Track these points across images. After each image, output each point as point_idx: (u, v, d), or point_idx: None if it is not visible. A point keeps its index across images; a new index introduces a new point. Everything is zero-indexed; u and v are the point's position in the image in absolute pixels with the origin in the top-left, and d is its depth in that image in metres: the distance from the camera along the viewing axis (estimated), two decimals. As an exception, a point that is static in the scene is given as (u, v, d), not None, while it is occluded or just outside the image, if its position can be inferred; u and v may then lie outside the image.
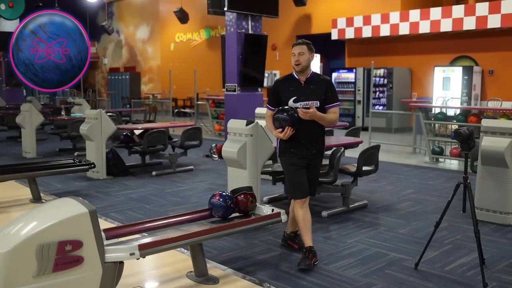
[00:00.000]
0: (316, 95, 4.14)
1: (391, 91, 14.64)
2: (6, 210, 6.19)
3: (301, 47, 4.16)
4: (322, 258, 4.41)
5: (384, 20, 14.41)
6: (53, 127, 12.53)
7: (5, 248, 2.75)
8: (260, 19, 10.68)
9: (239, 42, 10.23)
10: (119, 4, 26.48)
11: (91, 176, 8.08)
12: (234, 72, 10.34)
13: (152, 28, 24.65)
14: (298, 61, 4.12)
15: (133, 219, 5.59)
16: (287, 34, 17.67)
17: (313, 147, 4.19)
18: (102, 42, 28.02)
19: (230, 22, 10.36)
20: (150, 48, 24.92)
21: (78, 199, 3.14)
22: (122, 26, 26.47)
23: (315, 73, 4.25)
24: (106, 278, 3.05)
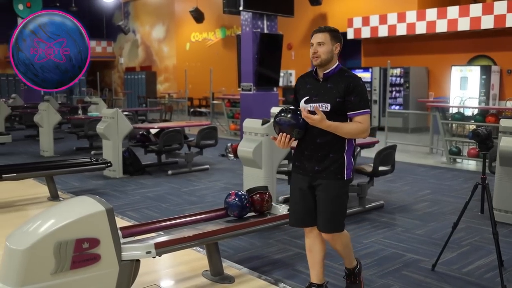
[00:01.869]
0: (330, 96, 3.14)
1: (408, 90, 14.53)
2: (24, 208, 6.26)
3: (322, 35, 3.18)
4: (338, 258, 4.38)
5: (401, 19, 14.31)
6: (70, 126, 12.65)
7: (24, 246, 2.78)
8: (275, 18, 10.66)
9: (255, 42, 10.23)
10: (135, 4, 26.64)
11: (107, 175, 8.14)
12: (249, 71, 10.34)
13: (167, 27, 24.76)
14: (316, 53, 3.17)
15: (149, 218, 5.61)
16: (303, 34, 17.63)
17: (318, 163, 3.16)
18: (118, 42, 28.21)
19: (245, 21, 10.36)
20: (166, 48, 25.03)
21: (95, 197, 3.16)
22: (138, 25, 26.62)
23: (341, 69, 3.25)
24: (123, 276, 3.07)
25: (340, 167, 3.16)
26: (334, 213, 3.18)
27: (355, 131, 3.13)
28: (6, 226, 5.19)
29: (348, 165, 3.18)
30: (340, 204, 3.21)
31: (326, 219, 3.19)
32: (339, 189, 3.17)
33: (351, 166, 3.21)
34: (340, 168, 3.16)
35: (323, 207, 3.18)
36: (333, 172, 3.15)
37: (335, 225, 3.21)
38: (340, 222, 3.23)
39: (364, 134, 3.16)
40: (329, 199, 3.16)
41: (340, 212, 3.21)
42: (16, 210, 6.11)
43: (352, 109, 3.12)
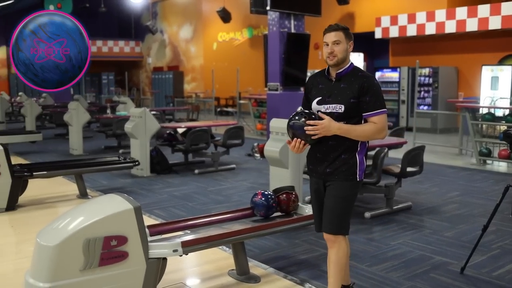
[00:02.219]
0: (343, 97, 3.01)
1: (437, 90, 14.33)
2: (54, 205, 6.37)
3: (337, 34, 3.04)
4: (364, 260, 4.35)
5: (430, 18, 14.11)
6: (99, 125, 12.85)
7: (54, 242, 2.83)
8: (302, 18, 10.62)
9: (282, 41, 10.21)
10: (163, 4, 26.86)
11: (135, 174, 8.22)
12: (276, 71, 10.33)
13: (195, 27, 24.91)
14: (333, 53, 3.02)
15: (176, 216, 5.66)
16: (330, 33, 17.52)
17: (329, 165, 3.05)
18: (146, 42, 28.50)
19: (272, 21, 10.35)
20: (193, 48, 25.18)
21: (123, 195, 3.20)
22: (165, 25, 26.84)
23: (354, 68, 3.12)
24: (150, 274, 3.10)
25: (352, 168, 3.04)
26: (340, 214, 3.05)
27: (369, 132, 3.00)
28: (37, 223, 5.29)
29: (360, 166, 3.06)
30: (347, 205, 3.08)
31: (331, 219, 3.06)
32: (349, 189, 3.06)
33: (363, 167, 3.09)
34: (352, 168, 3.04)
35: (330, 206, 3.07)
36: (344, 173, 3.04)
37: (340, 226, 3.07)
38: (345, 224, 3.09)
39: (380, 135, 3.03)
40: (336, 199, 3.05)
41: (346, 213, 3.08)
42: (46, 207, 6.22)
43: (367, 110, 3.00)
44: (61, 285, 2.82)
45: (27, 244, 4.57)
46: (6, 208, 5.84)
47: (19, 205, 6.02)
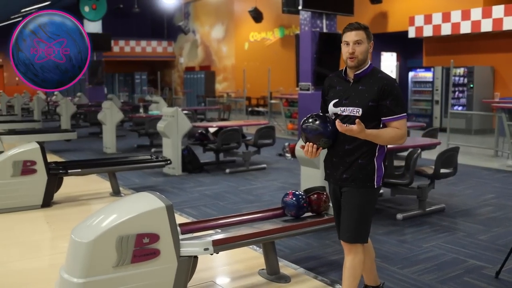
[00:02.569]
0: (361, 100, 2.88)
1: (472, 91, 14.05)
2: (87, 202, 6.49)
3: (359, 33, 2.90)
4: (396, 262, 4.30)
5: (465, 17, 13.85)
6: (132, 124, 13.03)
7: (88, 239, 2.88)
8: (334, 17, 10.56)
9: (314, 41, 10.17)
10: (195, 4, 27.06)
11: (167, 172, 8.31)
12: (308, 71, 10.29)
13: (227, 27, 25.01)
14: (354, 53, 2.89)
15: (207, 215, 5.70)
16: (362, 33, 17.37)
17: (346, 170, 2.95)
18: (178, 42, 28.75)
19: (304, 21, 10.32)
20: (224, 48, 25.30)
21: (155, 193, 3.23)
22: (198, 26, 27.03)
23: (374, 69, 2.98)
24: (181, 272, 3.12)
25: (370, 174, 2.93)
26: (357, 222, 2.95)
27: (393, 139, 2.89)
28: (71, 219, 5.39)
29: (378, 172, 2.96)
30: (365, 213, 2.97)
31: (348, 227, 2.96)
32: (367, 196, 2.95)
33: (381, 173, 2.98)
34: (370, 175, 2.93)
35: (346, 214, 2.97)
36: (361, 179, 2.93)
37: (357, 234, 2.96)
38: (363, 233, 2.99)
39: (401, 140, 2.93)
40: (353, 206, 2.95)
41: (365, 221, 2.98)
42: (80, 204, 6.34)
43: (388, 114, 2.88)
44: (95, 281, 2.87)
45: (62, 240, 4.66)
46: (41, 205, 5.97)
47: (54, 202, 6.15)
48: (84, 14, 19.27)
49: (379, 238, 4.91)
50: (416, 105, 15.56)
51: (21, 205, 5.85)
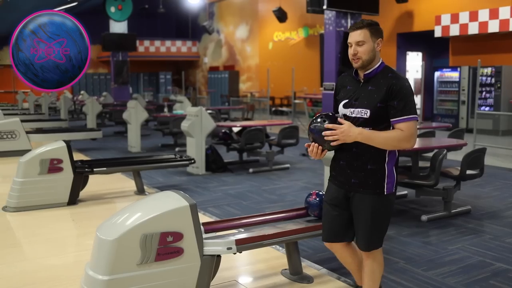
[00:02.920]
0: (370, 101, 2.77)
1: (499, 91, 13.81)
2: (112, 200, 6.56)
3: (361, 32, 2.78)
4: (420, 264, 4.25)
5: (493, 15, 13.61)
6: (156, 123, 13.13)
7: (113, 236, 2.91)
8: (359, 17, 10.48)
9: (338, 41, 10.12)
10: (219, 4, 27.16)
11: (190, 171, 8.36)
12: (332, 71, 10.24)
13: (251, 27, 25.04)
14: (357, 54, 2.79)
15: (230, 215, 5.71)
16: (387, 32, 17.23)
17: (354, 174, 2.83)
18: (203, 42, 28.89)
19: (329, 20, 10.28)
20: (248, 47, 25.33)
21: (179, 192, 3.26)
22: (222, 25, 27.12)
23: (385, 68, 2.87)
24: (204, 271, 3.14)
25: (379, 180, 2.80)
26: (372, 230, 2.87)
27: (394, 141, 2.72)
28: (96, 217, 5.46)
29: (389, 178, 2.82)
30: (380, 221, 2.87)
31: (362, 237, 2.90)
32: (377, 204, 2.82)
33: (392, 179, 2.84)
34: (379, 181, 2.80)
35: (359, 223, 2.88)
36: (371, 186, 2.80)
37: (372, 242, 2.92)
38: (377, 241, 2.93)
39: (407, 144, 2.74)
40: (367, 214, 2.83)
41: (379, 229, 2.90)
42: (105, 202, 6.41)
43: (395, 116, 2.73)
44: (119, 278, 2.90)
45: (87, 238, 4.73)
46: (68, 203, 6.06)
47: (80, 200, 6.23)
48: (110, 15, 19.53)
49: (403, 240, 4.87)
50: (442, 105, 15.36)
51: (48, 202, 5.94)
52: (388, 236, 4.93)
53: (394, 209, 5.95)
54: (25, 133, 10.09)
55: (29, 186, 5.85)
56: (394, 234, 5.02)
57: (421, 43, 17.23)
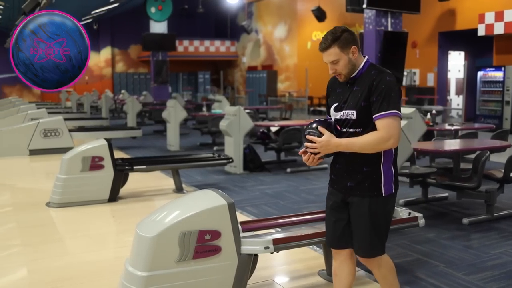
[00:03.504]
0: (355, 101, 2.68)
1: (546, 91, 13.38)
2: (151, 198, 6.66)
3: (331, 52, 2.68)
4: (461, 268, 4.16)
5: (540, 14, 13.20)
6: (195, 122, 13.26)
7: (152, 233, 2.96)
8: (400, 15, 10.34)
9: (378, 40, 10.00)
10: (258, 4, 27.20)
11: (228, 170, 8.40)
12: (371, 70, 10.13)
13: (289, 27, 24.99)
14: (336, 71, 2.74)
15: (267, 214, 5.72)
16: (429, 31, 16.91)
17: (350, 178, 2.74)
18: (241, 41, 29.00)
19: (369, 19, 10.17)
20: (287, 47, 25.28)
21: (217, 191, 3.28)
22: (260, 25, 27.16)
23: (369, 67, 2.74)
24: (241, 269, 3.15)
25: (376, 182, 2.70)
26: (371, 236, 2.74)
27: (371, 144, 2.60)
28: (135, 214, 5.55)
29: (386, 179, 2.72)
30: (379, 225, 2.75)
31: (361, 242, 2.76)
32: (375, 207, 2.71)
33: (390, 179, 2.74)
34: (376, 183, 2.70)
35: (358, 228, 2.76)
36: (367, 188, 2.70)
37: (371, 249, 2.78)
38: (378, 246, 2.79)
39: (385, 144, 2.61)
40: (365, 219, 2.72)
41: (379, 233, 2.76)
42: (145, 200, 6.51)
43: (374, 112, 2.62)
44: (158, 274, 2.94)
45: (127, 234, 4.81)
46: (108, 199, 6.18)
47: (120, 197, 6.35)
48: (151, 15, 19.82)
49: (443, 243, 4.77)
50: (484, 105, 14.98)
51: (89, 199, 6.07)
52: (428, 239, 4.85)
53: (434, 212, 5.87)
54: (68, 131, 10.35)
55: (71, 183, 5.99)
56: (434, 237, 4.93)
57: (463, 42, 16.85)
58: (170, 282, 2.97)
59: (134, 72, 29.75)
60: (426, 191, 6.20)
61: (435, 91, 16.95)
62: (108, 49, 29.00)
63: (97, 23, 27.64)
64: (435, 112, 8.64)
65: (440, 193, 6.42)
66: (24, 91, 27.05)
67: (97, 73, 28.92)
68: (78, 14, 20.96)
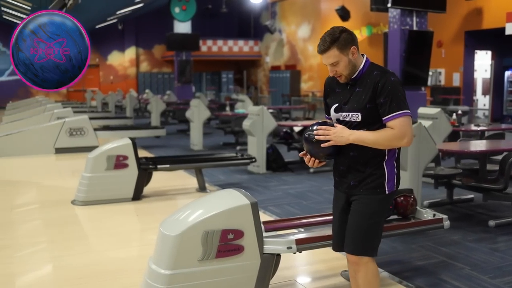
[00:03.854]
0: (359, 103, 2.65)
1: None
2: (174, 197, 6.70)
3: (330, 54, 2.65)
4: (487, 271, 4.09)
5: None
6: (218, 122, 13.31)
7: (175, 232, 2.98)
8: (425, 14, 10.22)
9: (403, 39, 9.91)
10: (282, 4, 27.16)
11: (251, 170, 8.41)
12: (396, 70, 10.03)
13: (313, 26, 24.90)
14: (337, 73, 2.70)
15: (290, 214, 5.71)
16: (455, 30, 16.69)
17: (353, 177, 2.73)
18: (264, 41, 28.99)
19: (393, 18, 10.08)
20: (310, 47, 25.20)
21: (241, 191, 3.28)
22: (284, 25, 27.11)
23: (370, 66, 2.73)
24: (264, 269, 3.15)
25: (380, 179, 2.69)
26: (366, 233, 2.70)
27: (385, 140, 2.59)
28: (159, 212, 5.59)
29: (389, 176, 2.71)
30: (375, 223, 2.72)
31: (355, 239, 2.72)
32: (377, 205, 2.70)
33: (393, 177, 2.73)
34: (380, 180, 2.69)
35: (354, 223, 2.72)
36: (371, 185, 2.69)
37: (364, 246, 2.72)
38: (372, 245, 2.73)
39: (399, 142, 2.61)
40: (362, 215, 2.69)
41: (373, 232, 2.72)
42: (168, 198, 6.56)
43: (384, 114, 2.60)
44: (181, 273, 2.96)
45: (150, 232, 4.85)
46: (132, 198, 6.23)
47: (144, 196, 6.40)
48: (175, 15, 19.96)
49: (469, 245, 4.70)
50: (512, 106, 14.74)
51: (113, 197, 6.14)
52: (453, 241, 4.79)
53: (460, 214, 5.79)
54: (93, 130, 10.48)
55: (96, 181, 6.06)
56: (460, 239, 4.86)
57: (490, 41, 16.57)
58: (193, 281, 2.98)
59: (158, 72, 29.97)
60: (451, 193, 6.11)
61: (461, 91, 16.71)
62: (133, 49, 29.28)
63: (122, 23, 27.93)
64: (461, 113, 8.52)
65: (466, 195, 6.33)
66: (51, 91, 27.46)
67: (122, 73, 29.22)
68: (103, 14, 21.24)
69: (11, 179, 8.15)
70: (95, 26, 24.89)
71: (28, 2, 16.82)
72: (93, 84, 27.77)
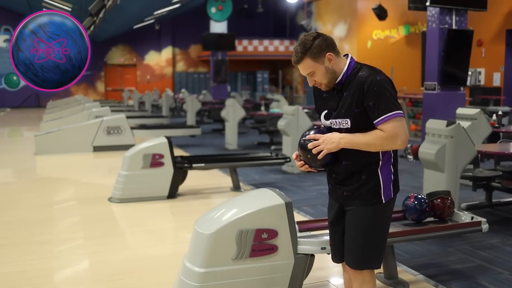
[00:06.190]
0: (347, 108, 2.49)
1: None
2: (209, 196, 6.75)
3: (304, 65, 2.53)
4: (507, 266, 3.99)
5: None
6: (253, 121, 13.33)
7: (210, 230, 3.00)
8: (465, 13, 9.99)
9: (441, 39, 9.70)
10: (318, 3, 27.03)
11: (286, 170, 8.39)
12: (434, 70, 9.85)
13: (349, 25, 24.69)
14: (316, 82, 2.56)
15: (324, 214, 5.64)
16: (495, 29, 16.28)
17: (346, 187, 2.58)
18: (300, 41, 28.87)
19: (432, 17, 9.89)
20: (346, 46, 24.99)
21: (275, 190, 3.28)
22: (320, 24, 26.96)
23: (354, 67, 2.55)
24: (297, 269, 3.14)
25: (375, 188, 2.52)
26: (364, 246, 2.55)
27: (377, 141, 2.42)
28: (193, 211, 5.65)
29: (385, 184, 2.54)
30: (374, 235, 2.56)
31: (353, 252, 2.57)
32: (374, 216, 2.53)
33: (389, 184, 2.57)
34: (375, 189, 2.52)
35: (350, 237, 2.58)
36: (365, 195, 2.52)
37: (364, 260, 2.57)
38: (372, 258, 2.58)
39: (392, 144, 2.44)
40: (358, 228, 2.54)
41: (373, 245, 2.57)
42: (203, 197, 6.61)
43: (373, 117, 2.42)
44: (215, 271, 2.98)
45: (185, 231, 4.90)
46: (167, 196, 6.30)
47: (179, 194, 6.46)
48: (211, 15, 20.08)
49: (508, 249, 4.59)
50: (555, 107, 14.29)
51: (149, 195, 6.22)
52: (491, 245, 4.68)
53: (499, 217, 5.65)
54: (130, 128, 10.64)
55: (132, 179, 6.15)
56: (498, 243, 4.74)
57: (533, 40, 16.12)
58: (226, 279, 3.00)
59: (194, 72, 30.22)
60: (490, 195, 5.97)
61: (502, 91, 16.30)
62: (169, 49, 29.60)
63: (159, 23, 28.27)
64: (501, 113, 8.30)
65: (506, 198, 6.17)
66: (89, 90, 28.00)
67: (158, 72, 29.58)
68: (141, 15, 21.54)
69: (51, 176, 8.36)
70: (133, 26, 25.27)
71: (68, 3, 17.20)
72: (131, 84, 28.22)
